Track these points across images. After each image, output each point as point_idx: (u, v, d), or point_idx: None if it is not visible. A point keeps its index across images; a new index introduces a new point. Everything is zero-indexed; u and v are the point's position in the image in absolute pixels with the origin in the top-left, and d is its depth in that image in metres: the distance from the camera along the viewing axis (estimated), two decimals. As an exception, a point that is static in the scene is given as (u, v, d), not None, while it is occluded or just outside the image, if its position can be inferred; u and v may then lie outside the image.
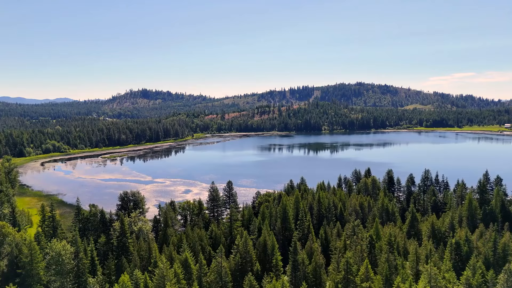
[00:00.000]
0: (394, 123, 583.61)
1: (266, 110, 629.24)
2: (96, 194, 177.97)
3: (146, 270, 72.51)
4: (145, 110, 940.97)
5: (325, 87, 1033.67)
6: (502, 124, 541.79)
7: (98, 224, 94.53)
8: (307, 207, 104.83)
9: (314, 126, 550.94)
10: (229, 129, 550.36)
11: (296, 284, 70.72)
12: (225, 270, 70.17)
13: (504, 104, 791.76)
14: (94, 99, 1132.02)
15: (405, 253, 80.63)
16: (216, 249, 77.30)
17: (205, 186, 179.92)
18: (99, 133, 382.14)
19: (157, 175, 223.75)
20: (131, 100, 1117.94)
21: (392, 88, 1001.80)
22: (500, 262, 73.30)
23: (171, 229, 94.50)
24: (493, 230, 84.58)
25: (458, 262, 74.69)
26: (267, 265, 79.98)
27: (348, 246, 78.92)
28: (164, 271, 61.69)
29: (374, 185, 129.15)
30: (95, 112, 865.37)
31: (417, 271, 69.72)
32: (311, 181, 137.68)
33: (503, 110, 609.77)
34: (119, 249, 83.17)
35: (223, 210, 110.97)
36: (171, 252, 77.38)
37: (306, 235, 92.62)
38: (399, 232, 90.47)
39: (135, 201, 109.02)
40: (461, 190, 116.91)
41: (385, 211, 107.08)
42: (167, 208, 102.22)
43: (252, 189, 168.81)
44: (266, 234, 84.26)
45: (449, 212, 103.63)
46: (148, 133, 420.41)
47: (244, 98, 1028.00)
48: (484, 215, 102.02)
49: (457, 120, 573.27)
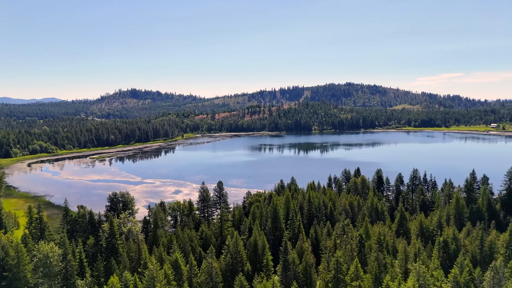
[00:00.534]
0: (383, 123, 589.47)
1: (257, 110, 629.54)
2: (84, 195, 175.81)
3: (136, 271, 71.89)
4: (135, 110, 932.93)
5: (315, 87, 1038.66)
6: (488, 124, 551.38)
7: (86, 225, 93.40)
8: (297, 207, 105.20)
9: (304, 126, 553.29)
10: (220, 129, 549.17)
11: (287, 283, 70.89)
12: (215, 271, 69.99)
13: (490, 104, 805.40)
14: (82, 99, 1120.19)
15: (394, 251, 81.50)
16: (207, 249, 77.05)
17: (196, 186, 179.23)
18: (87, 133, 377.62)
19: (147, 175, 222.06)
20: (120, 100, 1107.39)
21: (381, 88, 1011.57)
22: (486, 260, 74.59)
23: (161, 230, 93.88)
24: (480, 228, 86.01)
25: (446, 260, 75.75)
26: (258, 265, 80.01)
27: (338, 245, 79.40)
28: (154, 272, 61.24)
29: (364, 184, 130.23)
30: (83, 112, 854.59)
31: (406, 270, 70.51)
32: (301, 181, 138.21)
33: (489, 110, 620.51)
34: (108, 251, 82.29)
35: (213, 211, 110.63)
36: (161, 253, 76.84)
37: (296, 235, 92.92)
38: (388, 231, 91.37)
39: (125, 202, 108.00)
40: (449, 189, 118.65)
41: (375, 210, 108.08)
42: (157, 209, 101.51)
43: (242, 189, 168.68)
44: (256, 234, 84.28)
45: (437, 211, 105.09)
46: (137, 133, 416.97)
47: (235, 98, 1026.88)
48: (471, 214, 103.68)
49: (444, 120, 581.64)
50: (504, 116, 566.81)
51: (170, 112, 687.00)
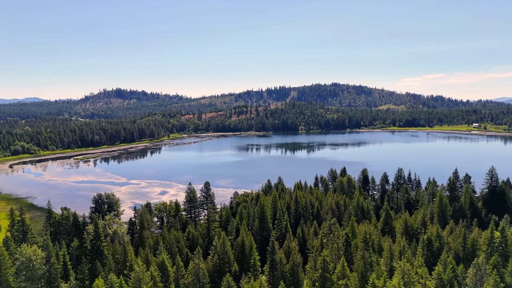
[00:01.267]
0: (368, 123, 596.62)
1: (244, 110, 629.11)
2: (68, 196, 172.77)
3: (122, 273, 70.99)
4: (120, 110, 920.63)
5: (302, 88, 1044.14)
6: (470, 123, 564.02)
7: (70, 227, 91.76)
8: (284, 207, 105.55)
9: (291, 126, 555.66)
10: (206, 129, 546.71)
11: (274, 283, 71.05)
12: (202, 272, 69.67)
13: (472, 105, 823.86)
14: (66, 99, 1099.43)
15: (379, 250, 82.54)
16: (194, 250, 76.62)
17: (182, 187, 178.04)
18: (71, 133, 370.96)
19: (132, 176, 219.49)
20: (105, 100, 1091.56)
21: (366, 88, 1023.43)
22: (469, 257, 76.21)
23: (147, 231, 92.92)
24: (462, 226, 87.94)
25: (430, 258, 77.08)
26: (245, 265, 79.98)
27: (325, 245, 79.97)
28: (140, 274, 60.58)
29: (350, 184, 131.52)
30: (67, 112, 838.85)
31: (391, 267, 71.50)
32: (288, 180, 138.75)
33: (471, 110, 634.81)
34: (93, 253, 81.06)
35: (200, 211, 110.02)
36: (147, 255, 76.06)
37: (283, 235, 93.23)
38: (374, 229, 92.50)
39: (110, 203, 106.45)
40: (432, 188, 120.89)
41: (361, 209, 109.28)
42: (143, 210, 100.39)
43: (230, 190, 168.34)
44: (244, 234, 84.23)
45: (421, 209, 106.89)
46: (122, 134, 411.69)
47: (222, 98, 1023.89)
48: (454, 212, 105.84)
49: (428, 120, 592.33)
50: (485, 116, 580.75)
51: (156, 112, 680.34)
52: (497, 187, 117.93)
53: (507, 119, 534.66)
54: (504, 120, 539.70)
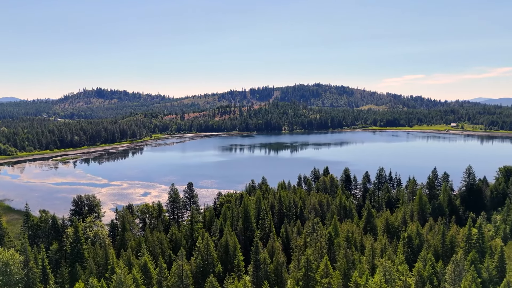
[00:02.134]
0: (350, 123, 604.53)
1: (227, 110, 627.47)
2: (47, 199, 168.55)
3: (103, 276, 69.73)
4: (100, 110, 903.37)
5: (285, 88, 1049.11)
6: (448, 123, 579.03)
7: (49, 230, 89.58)
8: (268, 207, 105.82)
9: (275, 126, 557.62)
10: (189, 129, 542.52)
11: (258, 283, 71.13)
12: (186, 273, 69.10)
13: (450, 105, 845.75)
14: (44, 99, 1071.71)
15: (362, 248, 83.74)
16: (177, 252, 75.91)
17: (165, 188, 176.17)
18: (49, 134, 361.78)
19: (114, 177, 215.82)
20: (85, 99, 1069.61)
21: (348, 89, 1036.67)
22: (448, 253, 78.19)
23: (129, 233, 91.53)
24: (441, 223, 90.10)
25: (410, 255, 78.71)
26: (229, 265, 79.78)
27: (308, 244, 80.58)
28: (122, 277, 59.61)
29: (332, 183, 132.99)
30: (45, 112, 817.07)
31: (373, 265, 72.66)
32: (272, 180, 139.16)
33: (449, 110, 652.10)
34: (73, 256, 79.33)
35: (183, 212, 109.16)
36: (129, 257, 74.91)
37: (267, 234, 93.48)
38: (356, 228, 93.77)
39: (90, 205, 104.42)
40: (412, 186, 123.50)
41: (343, 208, 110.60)
42: (124, 212, 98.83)
43: (213, 190, 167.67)
44: (228, 234, 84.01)
45: (401, 208, 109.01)
46: (103, 134, 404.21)
47: (204, 98, 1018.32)
48: (433, 210, 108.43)
49: (408, 120, 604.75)
50: (462, 116, 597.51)
51: (138, 112, 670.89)
52: (474, 185, 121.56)
53: (483, 119, 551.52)
54: (480, 119, 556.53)
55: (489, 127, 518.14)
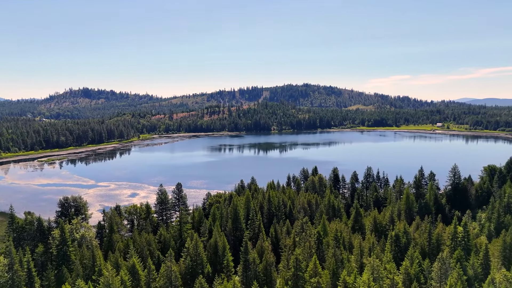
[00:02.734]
0: (338, 123, 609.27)
1: (216, 110, 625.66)
2: (32, 200, 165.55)
3: (90, 279, 68.82)
4: (87, 110, 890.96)
5: (274, 88, 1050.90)
6: (434, 123, 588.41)
7: (35, 232, 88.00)
8: (257, 207, 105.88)
9: (264, 126, 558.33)
10: (178, 129, 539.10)
11: (247, 283, 71.10)
12: (175, 274, 68.67)
13: (436, 105, 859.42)
14: (29, 98, 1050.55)
15: (350, 247, 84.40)
16: (166, 253, 75.40)
17: (153, 188, 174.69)
18: (35, 135, 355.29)
19: (101, 178, 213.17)
20: (71, 99, 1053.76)
21: (336, 89, 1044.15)
22: (434, 251, 79.35)
23: (116, 235, 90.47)
24: (427, 222, 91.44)
25: (397, 253, 79.63)
26: (218, 266, 79.60)
27: (297, 243, 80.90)
28: (109, 279, 58.92)
29: (321, 183, 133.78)
30: (30, 113, 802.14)
31: (361, 264, 73.31)
32: (261, 180, 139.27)
33: (435, 110, 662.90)
34: (59, 259, 78.05)
35: (172, 213, 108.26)
36: (117, 259, 74.06)
37: (257, 234, 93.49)
38: (344, 227, 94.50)
39: (77, 206, 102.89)
40: (400, 186, 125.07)
41: (332, 208, 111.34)
42: (112, 213, 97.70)
43: (202, 191, 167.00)
44: (217, 235, 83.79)
45: (389, 207, 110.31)
46: (90, 135, 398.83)
47: (193, 98, 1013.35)
48: (419, 208, 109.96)
49: (395, 119, 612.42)
50: (448, 116, 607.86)
51: (126, 112, 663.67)
52: (459, 184, 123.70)
53: (468, 119, 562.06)
54: (465, 119, 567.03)
55: (474, 127, 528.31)
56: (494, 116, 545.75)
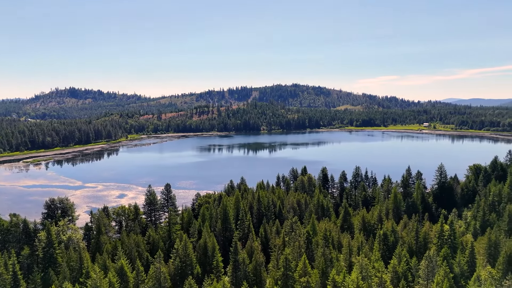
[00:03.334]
0: (327, 123, 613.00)
1: (205, 110, 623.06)
2: (17, 202, 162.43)
3: (77, 281, 67.88)
4: (74, 110, 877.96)
5: (263, 88, 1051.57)
6: (421, 123, 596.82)
7: (20, 235, 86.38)
8: (247, 207, 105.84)
9: (253, 126, 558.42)
10: (167, 129, 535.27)
11: (237, 284, 71.04)
12: (164, 275, 68.21)
13: (422, 105, 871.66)
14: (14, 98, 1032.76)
15: (339, 246, 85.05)
16: (154, 254, 74.81)
17: (142, 189, 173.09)
18: (20, 135, 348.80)
19: (88, 179, 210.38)
20: (57, 99, 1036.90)
21: (325, 89, 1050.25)
22: (421, 250, 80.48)
23: (104, 237, 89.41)
24: (415, 220, 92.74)
25: (385, 252, 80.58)
26: (208, 267, 79.32)
27: (286, 243, 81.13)
28: (97, 281, 58.24)
29: (310, 182, 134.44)
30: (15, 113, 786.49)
31: (350, 263, 73.95)
32: (251, 180, 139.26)
33: (422, 110, 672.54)
34: (46, 261, 76.83)
35: (161, 214, 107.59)
36: (105, 261, 73.19)
37: (246, 235, 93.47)
38: (333, 226, 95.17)
39: (64, 208, 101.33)
40: (388, 185, 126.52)
41: (321, 207, 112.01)
42: (99, 214, 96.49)
43: (191, 191, 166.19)
44: (206, 236, 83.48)
45: (377, 206, 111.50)
46: (77, 135, 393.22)
47: (182, 98, 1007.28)
48: (407, 207, 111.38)
49: (383, 119, 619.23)
50: (434, 116, 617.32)
51: (113, 112, 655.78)
52: (445, 183, 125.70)
53: (454, 119, 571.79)
54: (451, 119, 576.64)
55: (460, 127, 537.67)
56: (479, 116, 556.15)
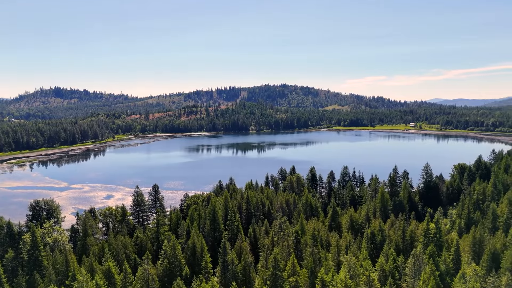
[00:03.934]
0: (315, 123, 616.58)
1: (194, 110, 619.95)
2: (1, 204, 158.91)
3: (63, 284, 66.80)
4: (59, 110, 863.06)
5: (252, 88, 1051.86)
6: (407, 123, 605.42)
7: (4, 237, 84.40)
8: (236, 207, 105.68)
9: (242, 126, 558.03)
10: (154, 130, 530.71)
11: (226, 284, 70.88)
12: (152, 277, 67.62)
13: (409, 105, 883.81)
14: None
15: (327, 245, 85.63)
16: (142, 256, 74.08)
17: (129, 190, 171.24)
18: (3, 136, 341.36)
19: (74, 180, 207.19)
20: (42, 99, 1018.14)
21: (313, 90, 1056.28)
22: (408, 248, 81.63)
23: (91, 238, 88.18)
24: (402, 219, 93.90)
25: (373, 251, 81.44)
26: (197, 268, 78.91)
27: (275, 243, 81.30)
28: (84, 284, 57.35)
29: (299, 182, 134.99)
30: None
31: (338, 262, 74.50)
32: (239, 180, 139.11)
33: (408, 110, 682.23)
34: (31, 264, 75.34)
35: (149, 215, 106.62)
36: (91, 263, 72.17)
37: (235, 235, 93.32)
38: (322, 226, 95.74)
39: (49, 210, 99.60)
40: (375, 184, 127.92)
41: (309, 207, 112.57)
42: (86, 216, 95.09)
43: (180, 192, 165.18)
44: (195, 236, 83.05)
45: (365, 205, 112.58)
46: (62, 135, 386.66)
47: (170, 98, 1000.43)
48: (394, 206, 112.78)
49: (370, 119, 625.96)
50: (420, 116, 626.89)
51: (100, 112, 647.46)
52: (431, 182, 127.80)
53: (439, 119, 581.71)
54: (437, 119, 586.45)
55: (445, 127, 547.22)
56: (464, 116, 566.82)
